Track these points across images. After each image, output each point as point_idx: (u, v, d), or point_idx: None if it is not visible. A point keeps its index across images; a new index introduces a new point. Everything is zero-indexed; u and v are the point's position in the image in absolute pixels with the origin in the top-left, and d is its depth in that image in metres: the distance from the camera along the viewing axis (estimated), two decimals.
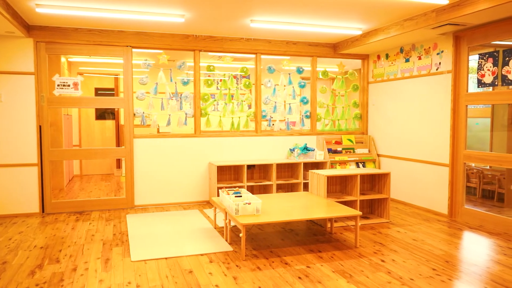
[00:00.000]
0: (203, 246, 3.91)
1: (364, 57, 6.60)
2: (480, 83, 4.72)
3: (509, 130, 5.45)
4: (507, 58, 4.36)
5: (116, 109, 8.79)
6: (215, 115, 6.09)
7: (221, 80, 6.03)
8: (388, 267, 3.39)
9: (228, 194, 4.19)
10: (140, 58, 5.86)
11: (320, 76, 6.44)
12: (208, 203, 5.88)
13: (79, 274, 3.28)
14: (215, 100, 6.09)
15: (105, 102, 5.76)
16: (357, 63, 6.80)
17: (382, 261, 3.54)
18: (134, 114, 5.59)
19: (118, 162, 8.57)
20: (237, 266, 3.43)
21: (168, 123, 5.85)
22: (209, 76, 6.17)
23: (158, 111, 5.77)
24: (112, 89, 8.83)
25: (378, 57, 6.36)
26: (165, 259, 3.59)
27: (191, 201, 5.89)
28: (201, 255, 3.69)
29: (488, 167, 5.83)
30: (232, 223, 4.32)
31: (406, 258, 3.62)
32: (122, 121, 8.10)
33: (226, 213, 3.99)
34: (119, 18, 4.78)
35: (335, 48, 6.37)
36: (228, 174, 5.96)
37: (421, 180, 5.52)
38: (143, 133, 5.87)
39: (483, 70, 4.66)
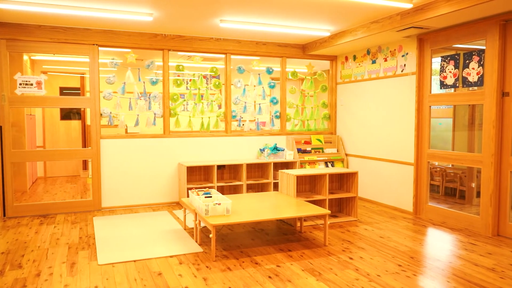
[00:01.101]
0: (173, 248, 3.87)
1: (333, 58, 6.71)
2: (443, 85, 4.89)
3: (469, 129, 5.68)
4: (467, 61, 4.54)
5: (82, 109, 8.56)
6: (184, 115, 6.04)
7: (190, 80, 5.99)
8: (356, 264, 3.46)
9: (198, 194, 4.16)
10: (107, 57, 5.73)
11: (290, 77, 6.50)
12: (178, 204, 5.82)
13: (43, 279, 3.17)
14: (184, 100, 6.04)
15: (71, 102, 5.61)
16: (326, 64, 6.91)
17: (350, 258, 3.61)
18: (101, 114, 5.46)
19: (85, 163, 8.36)
20: (207, 267, 3.41)
21: (137, 124, 5.75)
22: (178, 76, 6.11)
23: (126, 111, 5.66)
24: (78, 89, 8.60)
25: (346, 58, 6.48)
26: (134, 262, 3.52)
27: (160, 203, 5.81)
28: (171, 257, 3.65)
29: (450, 166, 6.05)
30: (202, 224, 4.29)
31: (373, 255, 3.70)
32: (88, 121, 7.90)
33: (196, 214, 3.97)
34: (84, 16, 4.67)
35: (304, 49, 6.45)
36: (198, 175, 5.92)
37: (388, 179, 5.67)
38: (110, 134, 5.74)
39: (445, 72, 4.83)
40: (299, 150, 6.34)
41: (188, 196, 5.38)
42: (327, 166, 6.37)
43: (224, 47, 5.96)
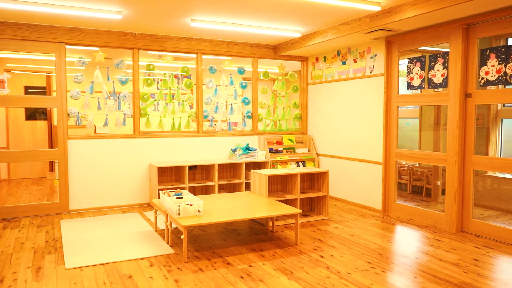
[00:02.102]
0: (143, 250, 3.82)
1: (304, 59, 6.78)
2: (410, 86, 5.03)
3: (435, 129, 5.86)
4: (433, 63, 4.68)
5: (48, 109, 8.30)
6: (155, 115, 5.96)
7: (161, 80, 5.91)
8: (327, 263, 3.51)
9: (169, 195, 4.12)
10: (75, 56, 5.58)
11: (261, 77, 6.52)
12: (149, 206, 5.74)
13: (7, 285, 3.06)
14: (155, 100, 5.96)
15: (36, 102, 5.42)
16: (297, 64, 6.97)
17: (321, 257, 3.66)
18: (68, 114, 5.32)
19: (51, 164, 8.11)
20: (178, 268, 3.38)
21: (106, 124, 5.63)
22: (148, 75, 6.02)
23: (95, 111, 5.53)
24: (43, 88, 8.33)
25: (317, 59, 6.56)
26: (103, 265, 3.45)
27: (130, 204, 5.71)
28: (141, 259, 3.60)
29: (417, 165, 6.22)
30: (174, 225, 4.25)
31: (344, 253, 3.77)
32: (55, 122, 7.68)
33: (167, 215, 3.92)
34: (50, 13, 4.53)
35: (275, 49, 6.48)
36: (169, 176, 5.86)
37: (357, 178, 5.78)
38: (78, 134, 5.60)
39: (412, 73, 4.97)
40: (271, 150, 6.37)
41: (159, 197, 5.31)
42: (298, 166, 6.43)
43: (196, 46, 5.92)
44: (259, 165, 6.30)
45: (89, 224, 4.74)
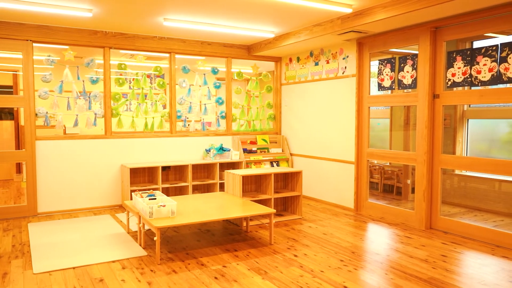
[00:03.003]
0: (115, 252, 3.75)
1: (277, 60, 6.82)
2: (380, 87, 5.14)
3: (405, 129, 6.01)
4: (402, 65, 4.80)
5: (15, 109, 8.03)
6: (127, 116, 5.86)
7: (133, 79, 5.82)
8: (301, 262, 3.54)
9: (142, 197, 4.06)
10: (43, 54, 5.42)
11: (235, 77, 6.52)
12: (121, 207, 5.64)
13: None
14: (127, 100, 5.86)
15: (2, 101, 5.24)
16: (271, 65, 7.00)
17: (295, 256, 3.69)
18: (36, 114, 5.16)
19: (18, 166, 7.85)
20: (151, 270, 3.34)
21: (76, 124, 5.49)
22: (120, 74, 5.92)
23: (64, 111, 5.39)
24: (10, 87, 8.05)
25: (290, 60, 6.62)
26: (73, 269, 3.37)
27: (102, 206, 5.60)
28: (113, 262, 3.53)
29: (388, 164, 6.36)
30: (147, 227, 4.20)
31: (317, 251, 3.81)
32: (22, 122, 7.44)
33: (139, 216, 3.87)
34: (17, 9, 4.39)
35: (249, 50, 6.49)
36: (142, 177, 5.77)
37: (330, 178, 5.86)
38: (47, 135, 5.44)
39: (382, 74, 5.08)
40: (245, 150, 6.37)
41: (131, 199, 5.22)
42: (272, 165, 6.46)
43: (169, 46, 5.86)
44: (233, 165, 6.30)
45: (58, 227, 4.62)
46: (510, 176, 4.26)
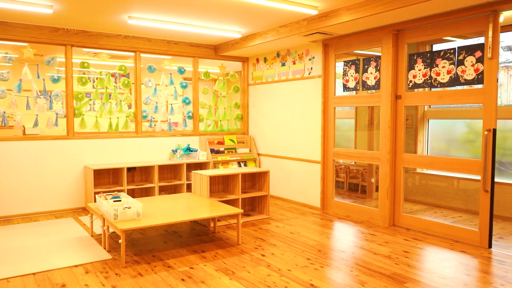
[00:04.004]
0: (78, 257, 3.64)
1: (244, 60, 6.83)
2: (345, 88, 5.25)
3: (369, 129, 6.16)
4: (366, 66, 4.92)
5: None
6: (90, 116, 5.70)
7: (97, 78, 5.67)
8: (268, 261, 3.56)
9: (106, 199, 3.96)
10: (0, 51, 5.19)
11: (202, 77, 6.48)
12: (84, 210, 5.48)
13: None
14: (90, 99, 5.70)
15: None
16: (238, 65, 7.00)
17: (263, 255, 3.71)
18: None
19: None
20: (116, 274, 3.26)
21: (36, 124, 5.29)
22: (83, 73, 5.75)
23: (23, 110, 5.18)
24: None
25: (257, 60, 6.64)
26: (33, 275, 3.24)
27: (64, 209, 5.42)
28: (76, 266, 3.43)
29: (353, 163, 6.50)
30: (111, 230, 4.10)
31: (284, 250, 3.84)
32: None
33: (104, 219, 3.77)
34: None
35: (216, 49, 6.47)
36: (106, 178, 5.63)
37: (297, 177, 5.92)
38: (5, 136, 5.21)
39: (347, 76, 5.19)
40: (212, 151, 6.35)
41: (95, 201, 5.09)
42: (240, 166, 6.47)
43: (134, 45, 5.75)
44: (201, 165, 6.25)
45: (17, 232, 4.44)
46: (468, 174, 4.45)
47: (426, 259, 3.64)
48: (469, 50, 3.96)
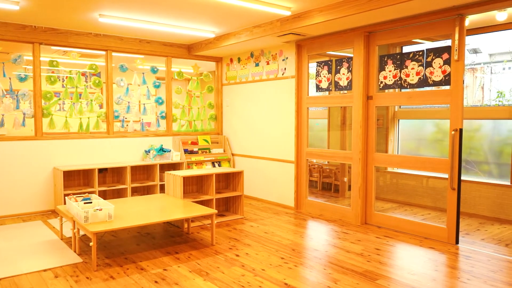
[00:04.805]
0: (47, 261, 3.54)
1: (218, 60, 6.81)
2: (318, 88, 5.31)
3: (341, 129, 6.26)
4: (339, 67, 4.99)
5: None
6: (60, 115, 5.55)
7: (67, 77, 5.53)
8: (242, 261, 3.56)
9: (76, 201, 3.87)
10: None
11: (176, 77, 6.41)
12: (54, 213, 5.34)
13: None
14: (59, 99, 5.55)
15: None
16: (212, 65, 6.98)
17: (237, 255, 3.71)
18: None
19: None
20: (87, 278, 3.19)
21: (2, 125, 5.11)
22: (52, 72, 5.59)
23: None
24: None
25: (231, 60, 6.63)
26: None
27: (32, 212, 5.26)
28: (45, 270, 3.33)
29: (326, 162, 6.59)
30: (82, 232, 4.01)
31: (259, 250, 3.85)
32: None
33: (74, 222, 3.68)
34: None
35: (189, 49, 6.42)
36: (76, 180, 5.50)
37: (271, 177, 5.95)
38: None
39: (320, 76, 5.25)
40: (186, 151, 6.29)
41: (65, 203, 4.96)
42: (214, 166, 6.44)
43: (105, 43, 5.64)
44: (174, 166, 6.19)
45: None
46: (436, 173, 4.58)
47: (396, 256, 3.73)
48: (437, 52, 4.08)
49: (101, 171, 5.64)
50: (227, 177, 5.35)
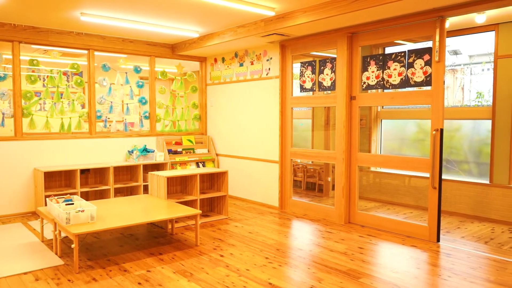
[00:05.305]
0: (27, 263, 3.47)
1: (202, 60, 6.78)
2: (302, 88, 5.33)
3: (325, 129, 6.30)
4: (322, 67, 5.03)
5: None
6: (41, 115, 5.45)
7: (47, 77, 5.43)
8: (227, 261, 3.56)
9: (58, 202, 3.81)
10: None
11: (159, 77, 6.36)
12: (34, 214, 5.24)
13: None
14: (40, 99, 5.45)
15: None
16: (196, 65, 6.95)
17: (221, 256, 3.70)
18: None
19: None
20: (69, 280, 3.14)
21: None
22: (33, 71, 5.49)
23: None
24: None
25: (215, 60, 6.61)
26: None
27: (12, 214, 5.15)
28: (25, 273, 3.27)
29: (310, 162, 6.63)
30: (63, 234, 3.94)
31: (243, 250, 3.85)
32: None
33: (55, 223, 3.62)
34: None
35: (173, 49, 6.38)
36: (58, 181, 5.41)
37: (256, 177, 5.95)
38: None
39: (304, 76, 5.28)
40: (170, 151, 6.25)
41: (46, 205, 4.87)
42: (198, 166, 6.41)
43: (87, 42, 5.56)
44: (158, 166, 6.14)
45: None
46: (418, 172, 4.66)
47: (379, 254, 3.78)
48: (418, 53, 4.15)
49: (83, 172, 5.56)
50: (212, 177, 5.34)
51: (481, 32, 5.09)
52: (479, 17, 4.58)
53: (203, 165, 6.47)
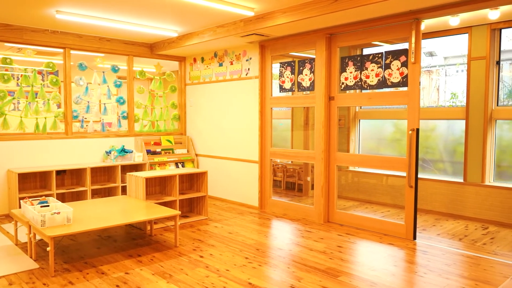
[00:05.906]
0: (0, 268, 3.37)
1: (181, 59, 6.73)
2: (282, 89, 5.36)
3: (305, 129, 6.35)
4: (301, 68, 5.06)
5: None
6: (14, 115, 5.31)
7: (21, 76, 5.30)
8: (206, 262, 3.55)
9: (32, 204, 3.72)
10: None
11: (138, 76, 6.29)
12: (8, 217, 5.10)
13: None
14: (14, 98, 5.31)
15: None
16: (175, 64, 6.89)
17: (201, 256, 3.68)
18: None
19: None
20: (44, 284, 3.07)
21: None
22: (6, 70, 5.34)
23: None
24: None
25: (195, 60, 6.58)
26: None
27: None
28: None
29: (290, 162, 6.66)
30: (38, 237, 3.85)
31: (223, 251, 3.85)
32: None
33: (30, 226, 3.54)
34: None
35: (152, 48, 6.31)
36: (33, 182, 5.28)
37: (236, 177, 5.95)
38: None
39: (283, 77, 5.30)
40: (148, 152, 6.18)
41: (20, 207, 4.75)
42: (177, 166, 6.36)
43: (62, 41, 5.45)
44: (136, 167, 6.07)
45: None
46: (395, 171, 4.74)
47: (358, 252, 3.83)
48: (395, 54, 4.22)
49: (59, 173, 5.44)
50: (191, 178, 5.30)
51: (455, 34, 5.22)
52: (453, 20, 4.69)
53: (183, 166, 6.43)
